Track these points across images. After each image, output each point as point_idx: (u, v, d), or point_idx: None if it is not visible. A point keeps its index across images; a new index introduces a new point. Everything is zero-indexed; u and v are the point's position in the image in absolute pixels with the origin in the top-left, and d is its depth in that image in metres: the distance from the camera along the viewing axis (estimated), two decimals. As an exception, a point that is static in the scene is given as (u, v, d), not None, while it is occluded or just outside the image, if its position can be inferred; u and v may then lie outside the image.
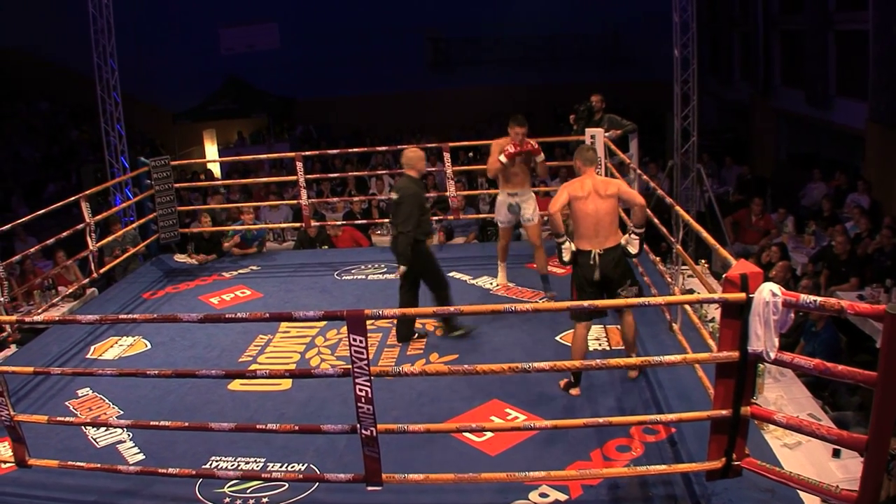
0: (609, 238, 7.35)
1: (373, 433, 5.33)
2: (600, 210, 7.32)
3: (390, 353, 8.59)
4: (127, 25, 23.14)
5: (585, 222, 7.36)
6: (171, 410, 7.52)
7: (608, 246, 7.32)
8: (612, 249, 7.34)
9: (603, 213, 7.32)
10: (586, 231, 7.38)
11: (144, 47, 26.04)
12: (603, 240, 7.32)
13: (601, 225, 7.32)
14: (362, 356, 5.15)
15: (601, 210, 7.32)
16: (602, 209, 7.33)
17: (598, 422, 5.38)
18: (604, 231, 7.33)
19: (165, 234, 12.38)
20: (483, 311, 4.93)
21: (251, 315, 5.35)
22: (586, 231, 7.38)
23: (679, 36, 14.68)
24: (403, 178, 8.85)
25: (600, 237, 7.33)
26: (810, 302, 4.53)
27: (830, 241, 12.64)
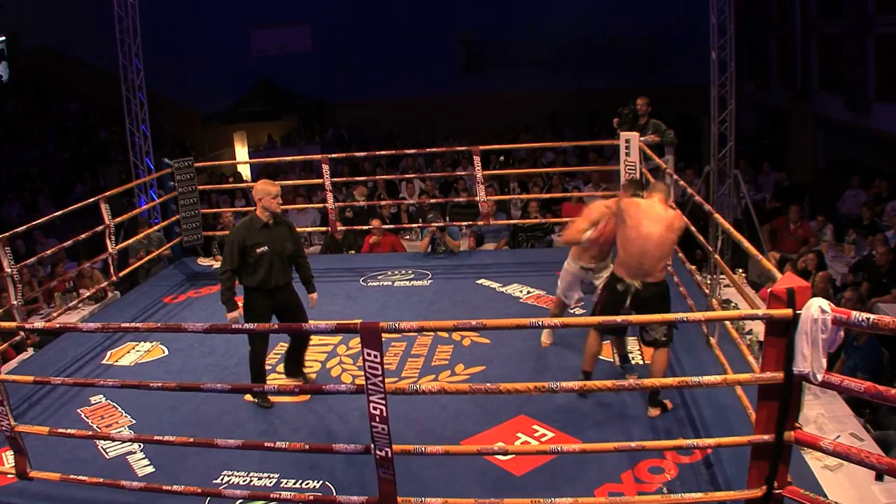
0: (653, 272, 6.71)
1: (388, 454, 5.02)
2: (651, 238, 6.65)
3: (414, 364, 8.35)
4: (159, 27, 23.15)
5: (630, 248, 6.74)
6: (185, 421, 7.34)
7: (650, 281, 6.73)
8: (653, 285, 6.73)
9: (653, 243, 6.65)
10: (628, 259, 6.76)
11: (176, 49, 26.00)
12: (645, 274, 6.70)
13: (648, 256, 6.67)
14: (377, 372, 4.82)
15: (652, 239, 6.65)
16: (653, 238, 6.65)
17: (630, 446, 5.04)
18: (649, 263, 6.69)
19: (188, 236, 12.19)
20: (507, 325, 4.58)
21: (258, 326, 5.06)
22: (628, 259, 6.76)
23: (717, 38, 14.35)
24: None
25: (643, 270, 6.70)
26: (863, 320, 4.18)
27: (871, 251, 12.28)
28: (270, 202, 7.51)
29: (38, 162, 25.02)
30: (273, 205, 7.53)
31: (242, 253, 7.41)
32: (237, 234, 7.49)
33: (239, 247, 7.39)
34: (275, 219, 7.61)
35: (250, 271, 7.47)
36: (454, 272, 11.46)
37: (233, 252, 7.40)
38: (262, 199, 7.51)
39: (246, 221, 7.60)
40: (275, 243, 7.52)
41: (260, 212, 7.55)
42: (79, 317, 10.79)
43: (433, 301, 10.28)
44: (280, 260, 7.56)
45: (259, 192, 7.54)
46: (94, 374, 8.65)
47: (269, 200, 7.51)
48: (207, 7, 27.39)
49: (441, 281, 11.10)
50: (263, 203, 7.51)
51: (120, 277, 11.19)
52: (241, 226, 7.62)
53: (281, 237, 7.61)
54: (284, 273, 7.65)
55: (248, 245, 7.41)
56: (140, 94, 15.75)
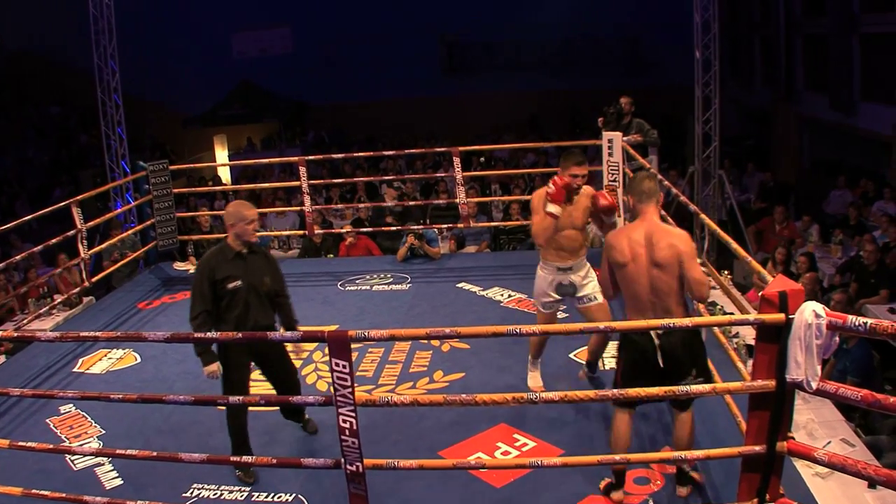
0: (673, 310, 5.43)
1: (359, 469, 4.78)
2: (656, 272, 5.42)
3: (392, 371, 8.12)
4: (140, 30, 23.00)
5: (636, 288, 5.50)
6: (155, 431, 7.15)
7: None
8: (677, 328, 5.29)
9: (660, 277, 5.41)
10: (638, 302, 5.52)
11: (157, 52, 26.01)
12: (664, 313, 5.40)
13: (659, 293, 5.43)
14: (346, 383, 4.57)
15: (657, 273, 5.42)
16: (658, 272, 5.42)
17: (615, 459, 4.78)
18: (663, 301, 5.43)
19: (163, 240, 11.98)
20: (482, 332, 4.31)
21: (221, 335, 4.82)
22: (638, 302, 5.52)
23: (700, 37, 14.23)
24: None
25: (659, 309, 5.43)
26: (859, 324, 3.95)
27: (858, 251, 12.15)
28: (245, 228, 6.33)
29: (17, 166, 24.79)
30: (248, 232, 6.35)
31: (213, 289, 6.26)
32: (205, 266, 6.32)
33: (209, 281, 6.24)
34: (249, 248, 6.43)
35: (221, 312, 6.31)
36: (434, 276, 11.25)
37: (202, 288, 6.23)
38: (236, 225, 6.33)
39: (215, 251, 6.44)
40: (250, 277, 6.34)
41: (232, 240, 6.38)
42: (52, 323, 10.55)
43: (412, 305, 10.06)
44: (257, 297, 6.38)
45: (231, 217, 6.36)
46: (65, 382, 8.44)
47: (242, 227, 6.32)
48: (188, 9, 27.22)
49: (420, 285, 10.88)
50: (237, 229, 6.34)
51: (93, 283, 10.92)
52: (209, 256, 6.44)
53: (257, 270, 6.44)
54: (264, 313, 6.47)
55: (217, 279, 6.24)
56: (115, 96, 15.58)
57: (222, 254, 6.35)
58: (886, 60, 16.37)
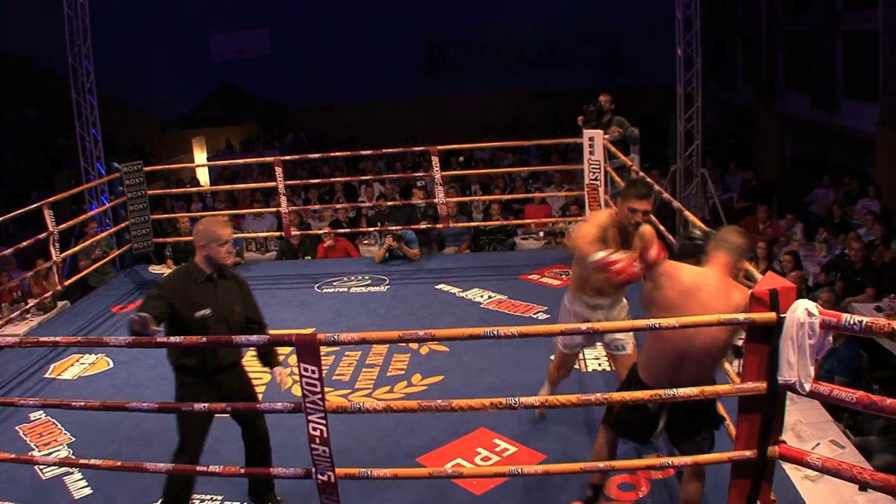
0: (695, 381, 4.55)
1: (330, 478, 4.56)
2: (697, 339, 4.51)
3: (369, 374, 7.95)
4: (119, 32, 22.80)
5: (663, 347, 4.65)
6: (126, 438, 6.94)
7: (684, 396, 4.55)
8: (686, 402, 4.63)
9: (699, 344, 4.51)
10: (661, 363, 4.70)
11: (136, 54, 25.77)
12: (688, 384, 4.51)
13: (688, 362, 4.58)
14: (315, 389, 4.36)
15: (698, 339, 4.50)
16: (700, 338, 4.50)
17: (599, 466, 4.56)
18: (689, 371, 4.59)
19: (138, 243, 11.77)
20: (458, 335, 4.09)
21: (185, 340, 4.61)
22: (661, 363, 4.70)
23: (682, 34, 14.11)
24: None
25: (682, 378, 4.58)
26: (854, 323, 3.75)
27: (843, 249, 12.07)
28: (217, 251, 5.49)
29: (-7, 169, 24.59)
30: (221, 254, 5.51)
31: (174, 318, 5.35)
32: (168, 289, 5.41)
33: (168, 306, 5.31)
34: (220, 272, 5.60)
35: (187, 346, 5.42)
36: (412, 277, 11.09)
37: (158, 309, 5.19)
38: (207, 246, 5.48)
39: (182, 273, 5.61)
40: (220, 305, 5.50)
41: (201, 261, 5.54)
42: (27, 327, 10.45)
43: (390, 307, 9.89)
44: (227, 329, 5.49)
45: (202, 236, 5.51)
46: (37, 388, 8.25)
47: (215, 248, 5.48)
48: (166, 11, 26.99)
49: (399, 287, 10.73)
50: (208, 251, 5.49)
51: (66, 286, 10.72)
52: (174, 278, 5.64)
53: (229, 297, 5.60)
54: (231, 349, 5.60)
55: (182, 306, 5.36)
56: (90, 97, 15.39)
57: (190, 276, 5.51)
58: (868, 58, 16.27)
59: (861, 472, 3.93)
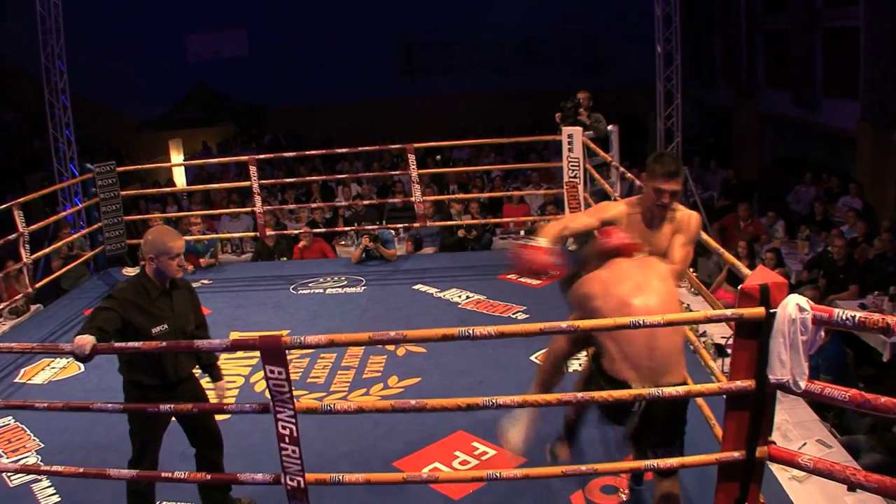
0: (669, 369, 4.32)
1: (300, 484, 4.37)
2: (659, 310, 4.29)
3: (344, 377, 7.79)
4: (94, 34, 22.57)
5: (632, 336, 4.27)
6: (96, 444, 6.74)
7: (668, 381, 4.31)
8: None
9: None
10: (633, 351, 4.31)
11: (112, 56, 25.50)
12: (659, 371, 4.30)
13: (659, 344, 4.29)
14: (283, 389, 4.20)
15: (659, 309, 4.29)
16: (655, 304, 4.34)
17: (581, 469, 4.35)
18: (663, 356, 4.30)
19: (111, 245, 11.56)
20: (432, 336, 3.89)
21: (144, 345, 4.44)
22: (633, 351, 4.31)
23: (662, 31, 14.00)
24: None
25: (656, 366, 4.30)
26: (848, 318, 3.58)
27: (826, 247, 12.05)
28: (167, 265, 5.23)
29: (-32, 173, 24.34)
30: (171, 269, 5.24)
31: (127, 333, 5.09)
32: (122, 304, 5.11)
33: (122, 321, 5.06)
34: (172, 282, 5.37)
35: (143, 361, 5.24)
36: (389, 278, 10.96)
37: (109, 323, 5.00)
38: (157, 259, 5.20)
39: (134, 285, 5.28)
40: (177, 319, 5.32)
41: (152, 273, 5.28)
42: None
43: (366, 308, 9.75)
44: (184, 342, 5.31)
45: (151, 248, 5.22)
46: (7, 393, 8.06)
47: (165, 262, 5.22)
48: (142, 13, 26.73)
49: (375, 287, 10.59)
50: (159, 264, 5.22)
51: (37, 289, 10.53)
52: (127, 292, 5.22)
53: (182, 308, 5.42)
54: (189, 360, 5.45)
55: (136, 323, 5.13)
56: (63, 98, 15.22)
57: (143, 290, 5.23)
58: (849, 55, 16.19)
59: (854, 473, 3.76)
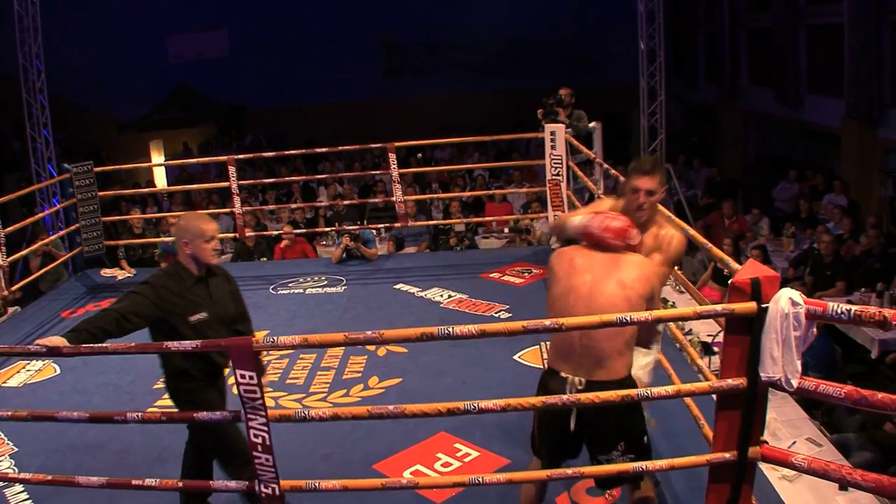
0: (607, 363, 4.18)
1: (275, 491, 4.19)
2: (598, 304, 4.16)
3: (324, 378, 7.63)
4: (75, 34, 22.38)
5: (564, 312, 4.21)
6: (70, 448, 6.60)
7: (602, 378, 4.18)
8: (608, 385, 4.15)
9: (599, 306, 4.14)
10: (563, 342, 4.28)
11: (92, 57, 25.34)
12: (592, 365, 4.19)
13: (593, 342, 4.16)
14: (255, 395, 3.98)
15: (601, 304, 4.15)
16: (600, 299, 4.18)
17: (567, 473, 4.17)
18: (597, 349, 4.16)
19: (89, 246, 11.36)
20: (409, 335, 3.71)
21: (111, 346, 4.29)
22: (563, 342, 4.28)
23: (644, 27, 13.90)
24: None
25: (589, 358, 4.19)
26: (843, 312, 3.43)
27: (812, 244, 12.06)
28: (202, 248, 4.99)
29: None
30: (207, 252, 5.02)
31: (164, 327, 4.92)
32: (157, 291, 4.91)
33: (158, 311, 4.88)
34: (208, 269, 5.12)
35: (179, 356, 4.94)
36: (370, 277, 10.80)
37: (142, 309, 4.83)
38: (191, 243, 4.97)
39: (170, 274, 5.06)
40: (216, 307, 5.06)
41: (186, 260, 5.03)
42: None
43: (347, 308, 9.61)
44: (227, 331, 5.10)
45: (184, 233, 4.99)
46: (-19, 397, 7.85)
47: (200, 245, 4.97)
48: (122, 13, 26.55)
49: (356, 287, 10.44)
50: (193, 249, 4.98)
51: (12, 291, 10.35)
52: (163, 279, 5.01)
53: (221, 296, 5.18)
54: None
55: (176, 312, 4.93)
56: (42, 97, 15.03)
57: (179, 278, 4.99)
58: (833, 52, 16.15)
59: (851, 472, 3.61)
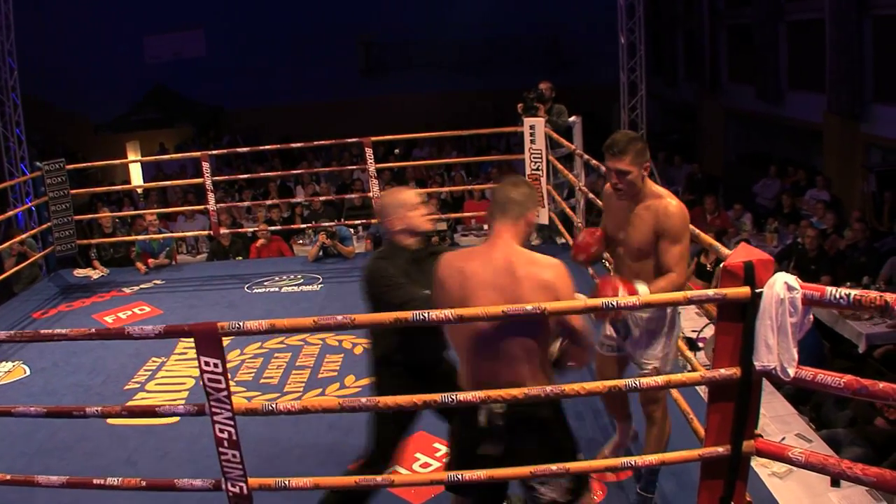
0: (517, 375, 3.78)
1: (243, 490, 3.96)
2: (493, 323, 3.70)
3: (299, 377, 7.48)
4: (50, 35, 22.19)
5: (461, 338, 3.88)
6: (39, 449, 6.44)
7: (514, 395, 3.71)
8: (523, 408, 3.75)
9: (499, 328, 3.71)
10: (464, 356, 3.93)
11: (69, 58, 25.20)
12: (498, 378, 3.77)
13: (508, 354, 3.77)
14: (220, 385, 3.73)
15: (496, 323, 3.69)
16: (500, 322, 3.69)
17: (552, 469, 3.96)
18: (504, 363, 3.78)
19: (61, 245, 11.14)
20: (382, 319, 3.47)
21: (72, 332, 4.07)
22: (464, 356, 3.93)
23: (625, 21, 13.77)
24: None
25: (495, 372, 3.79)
26: (842, 297, 3.25)
27: (796, 238, 12.02)
28: (412, 217, 4.63)
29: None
30: (417, 220, 4.64)
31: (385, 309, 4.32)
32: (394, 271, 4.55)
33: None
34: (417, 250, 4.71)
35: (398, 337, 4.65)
36: (347, 275, 10.58)
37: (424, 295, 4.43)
38: (404, 217, 4.63)
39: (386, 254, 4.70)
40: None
41: (402, 238, 4.66)
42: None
43: (323, 307, 9.42)
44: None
45: (390, 208, 4.67)
46: (-49, 398, 7.66)
47: (408, 215, 4.62)
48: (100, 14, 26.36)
49: (333, 285, 10.29)
50: (405, 222, 4.63)
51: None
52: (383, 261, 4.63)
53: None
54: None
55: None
56: (14, 95, 14.82)
57: (397, 257, 4.63)
58: (814, 47, 16.09)
59: (851, 466, 3.43)
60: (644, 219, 4.63)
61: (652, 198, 4.66)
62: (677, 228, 4.59)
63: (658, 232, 4.58)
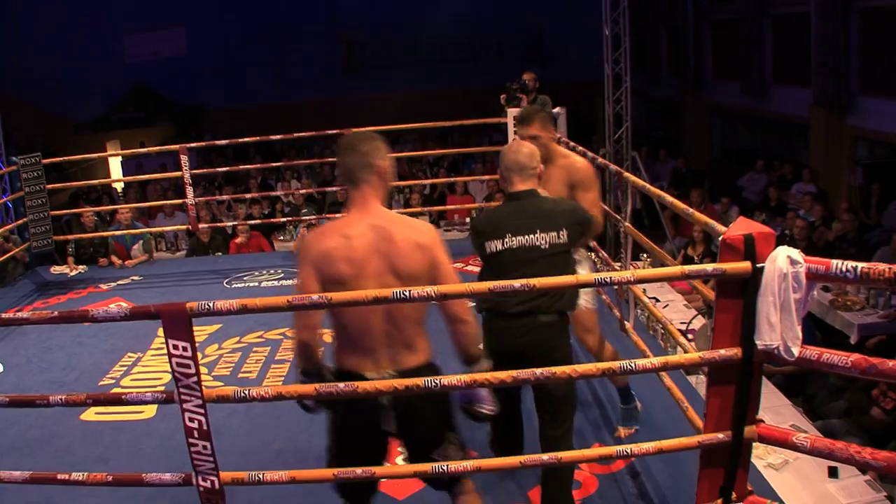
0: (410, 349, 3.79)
1: (214, 484, 3.72)
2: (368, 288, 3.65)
3: (278, 371, 7.31)
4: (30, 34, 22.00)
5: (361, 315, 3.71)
6: (10, 447, 6.23)
7: (410, 366, 3.76)
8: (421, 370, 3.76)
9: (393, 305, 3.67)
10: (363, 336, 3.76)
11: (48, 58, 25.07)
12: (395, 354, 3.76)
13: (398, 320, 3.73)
14: (189, 371, 3.48)
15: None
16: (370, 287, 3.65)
17: (542, 459, 3.74)
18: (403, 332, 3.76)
19: (37, 241, 10.91)
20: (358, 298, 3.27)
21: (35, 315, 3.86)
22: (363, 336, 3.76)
23: (609, 12, 13.62)
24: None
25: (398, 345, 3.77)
26: (848, 270, 3.06)
27: (784, 230, 11.88)
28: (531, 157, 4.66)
29: None
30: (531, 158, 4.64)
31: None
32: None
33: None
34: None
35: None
36: (329, 270, 10.34)
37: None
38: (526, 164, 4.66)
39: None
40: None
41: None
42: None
43: (303, 301, 9.15)
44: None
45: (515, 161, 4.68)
46: (-76, 396, 7.44)
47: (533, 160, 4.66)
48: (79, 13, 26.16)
49: (313, 280, 9.99)
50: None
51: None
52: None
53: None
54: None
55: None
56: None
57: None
58: (799, 41, 16.01)
59: (860, 451, 3.23)
60: (557, 176, 5.42)
61: (561, 157, 5.55)
62: (587, 179, 5.50)
63: (571, 184, 5.43)
